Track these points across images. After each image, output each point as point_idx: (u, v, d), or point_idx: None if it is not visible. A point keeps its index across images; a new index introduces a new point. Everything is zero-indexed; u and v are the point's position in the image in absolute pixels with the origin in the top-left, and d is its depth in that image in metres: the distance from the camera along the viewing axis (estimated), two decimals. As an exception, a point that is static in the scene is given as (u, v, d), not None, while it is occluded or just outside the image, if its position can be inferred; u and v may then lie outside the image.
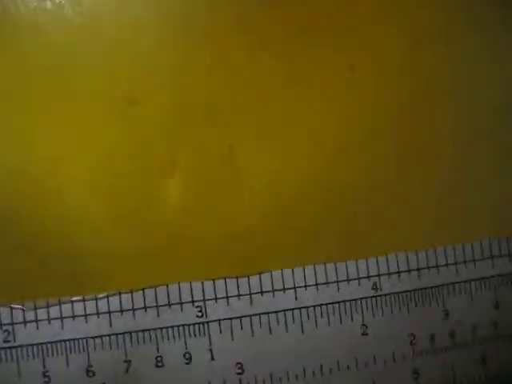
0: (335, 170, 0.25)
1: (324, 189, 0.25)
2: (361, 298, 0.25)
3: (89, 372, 0.23)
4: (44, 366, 0.22)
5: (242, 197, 0.24)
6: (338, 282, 0.25)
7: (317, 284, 0.25)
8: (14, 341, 0.22)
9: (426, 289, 0.25)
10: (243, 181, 0.24)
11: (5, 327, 0.22)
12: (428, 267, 0.26)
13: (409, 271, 0.25)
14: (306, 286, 0.24)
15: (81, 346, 0.23)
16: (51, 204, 0.23)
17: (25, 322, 0.23)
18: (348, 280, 0.25)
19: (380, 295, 0.25)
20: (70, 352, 0.23)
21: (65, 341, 0.23)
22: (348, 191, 0.25)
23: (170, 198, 0.24)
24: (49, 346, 0.23)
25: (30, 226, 0.23)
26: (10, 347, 0.22)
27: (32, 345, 0.22)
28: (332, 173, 0.25)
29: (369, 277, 0.25)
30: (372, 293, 0.25)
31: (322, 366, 0.24)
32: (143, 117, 0.23)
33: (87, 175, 0.23)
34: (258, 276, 0.24)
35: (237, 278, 0.24)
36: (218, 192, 0.24)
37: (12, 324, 0.22)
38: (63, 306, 0.23)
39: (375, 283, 0.25)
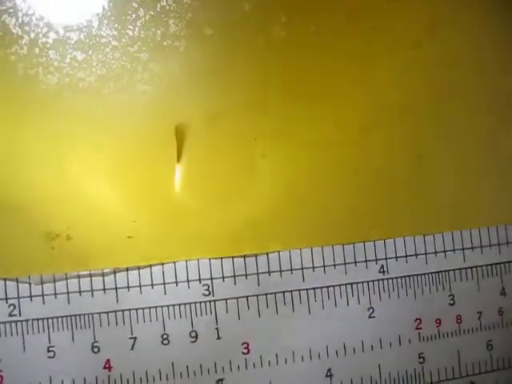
0: (348, 154, 0.25)
1: (334, 172, 0.25)
2: (368, 281, 0.25)
3: (94, 348, 0.23)
4: (49, 341, 0.22)
5: (252, 179, 0.24)
6: (345, 264, 0.25)
7: (324, 266, 0.24)
8: (20, 315, 0.22)
9: (432, 273, 0.25)
10: (257, 165, 0.24)
11: (10, 301, 0.22)
12: (435, 252, 0.25)
13: (416, 255, 0.25)
14: (313, 268, 0.24)
15: (86, 322, 0.23)
16: (58, 184, 0.23)
17: (31, 297, 0.22)
18: (355, 262, 0.25)
19: (387, 278, 0.25)
20: (76, 327, 0.23)
21: (71, 316, 0.23)
22: (356, 175, 0.25)
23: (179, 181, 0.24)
24: (54, 320, 0.22)
25: (37, 204, 0.23)
26: (16, 321, 0.22)
27: (37, 319, 0.22)
28: (345, 157, 0.25)
29: (376, 260, 0.25)
30: (379, 276, 0.25)
31: (327, 347, 0.24)
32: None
33: (96, 161, 0.23)
34: (265, 256, 0.24)
35: (244, 257, 0.24)
36: (228, 173, 0.24)
37: (18, 298, 0.22)
38: (70, 281, 0.23)
39: (382, 266, 0.25)
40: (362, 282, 0.25)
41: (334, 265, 0.25)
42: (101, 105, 0.23)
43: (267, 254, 0.24)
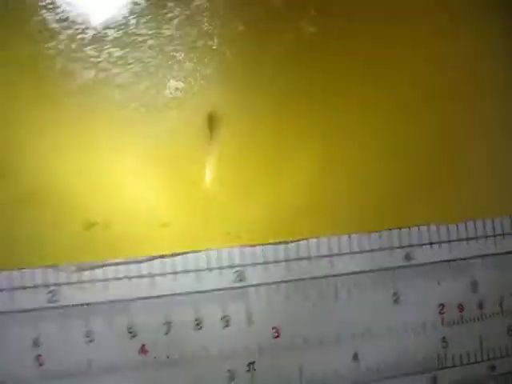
0: (371, 143, 0.26)
1: (359, 160, 0.25)
2: (393, 268, 0.25)
3: (130, 333, 0.23)
4: (87, 326, 0.23)
5: (283, 169, 0.25)
6: (371, 250, 0.25)
7: (351, 252, 0.25)
8: (59, 301, 0.23)
9: (456, 260, 0.26)
10: (288, 154, 0.25)
11: (50, 288, 0.23)
12: (458, 239, 0.26)
13: (440, 243, 0.26)
14: (340, 255, 0.25)
15: (123, 308, 0.23)
16: (97, 173, 0.24)
17: (70, 283, 0.23)
18: (381, 249, 0.25)
19: (412, 265, 0.26)
20: (113, 313, 0.23)
21: (108, 302, 0.23)
22: (381, 162, 0.26)
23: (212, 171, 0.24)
24: (92, 306, 0.23)
25: (77, 193, 0.23)
26: (55, 307, 0.23)
27: (76, 305, 0.23)
28: (369, 146, 0.26)
29: (401, 247, 0.26)
30: (405, 262, 0.26)
31: (353, 332, 0.25)
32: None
33: (134, 151, 0.24)
34: (295, 243, 0.25)
35: (275, 244, 0.25)
36: (260, 164, 0.25)
37: (57, 285, 0.23)
38: (107, 268, 0.23)
39: (408, 253, 0.26)
40: (388, 269, 0.25)
41: (361, 251, 0.25)
42: (136, 99, 0.24)
43: (297, 241, 0.25)
